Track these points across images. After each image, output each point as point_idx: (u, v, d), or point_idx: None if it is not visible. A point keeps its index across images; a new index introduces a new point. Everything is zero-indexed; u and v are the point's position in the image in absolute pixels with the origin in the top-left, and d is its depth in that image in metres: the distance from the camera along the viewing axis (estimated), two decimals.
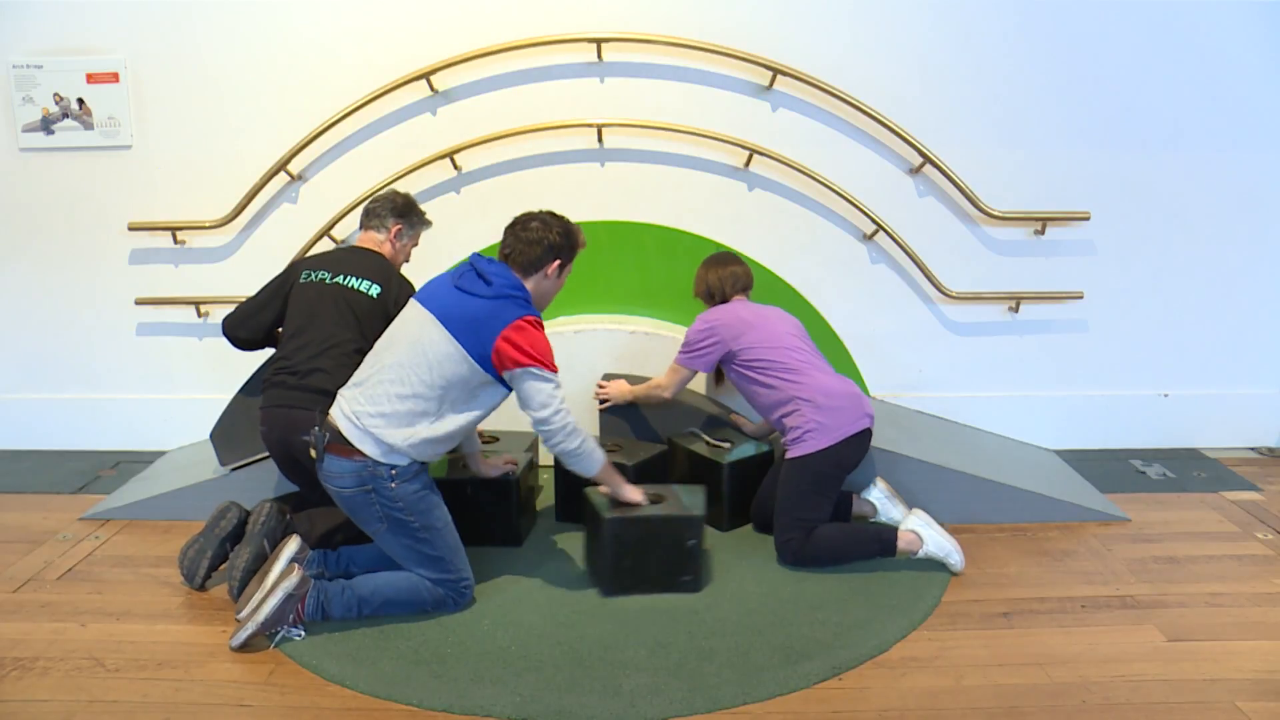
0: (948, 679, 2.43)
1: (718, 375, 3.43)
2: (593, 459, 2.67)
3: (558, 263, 2.70)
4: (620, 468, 3.09)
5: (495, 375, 2.57)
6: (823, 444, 2.95)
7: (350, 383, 2.68)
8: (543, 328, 2.63)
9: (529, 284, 2.66)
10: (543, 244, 2.65)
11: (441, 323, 2.57)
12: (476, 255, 2.68)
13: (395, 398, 2.55)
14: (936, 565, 2.98)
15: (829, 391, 3.00)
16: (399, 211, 3.17)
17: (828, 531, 2.96)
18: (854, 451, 3.00)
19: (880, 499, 3.17)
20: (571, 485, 3.24)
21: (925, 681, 2.42)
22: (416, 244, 3.27)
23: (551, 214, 2.73)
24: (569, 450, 2.63)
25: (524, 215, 2.71)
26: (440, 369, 2.54)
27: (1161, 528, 3.31)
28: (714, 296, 3.27)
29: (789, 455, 3.01)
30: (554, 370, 2.59)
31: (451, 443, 2.65)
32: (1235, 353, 4.00)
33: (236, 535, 2.93)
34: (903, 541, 2.97)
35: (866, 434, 3.02)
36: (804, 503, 2.96)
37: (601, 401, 3.49)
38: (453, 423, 2.59)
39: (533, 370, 2.55)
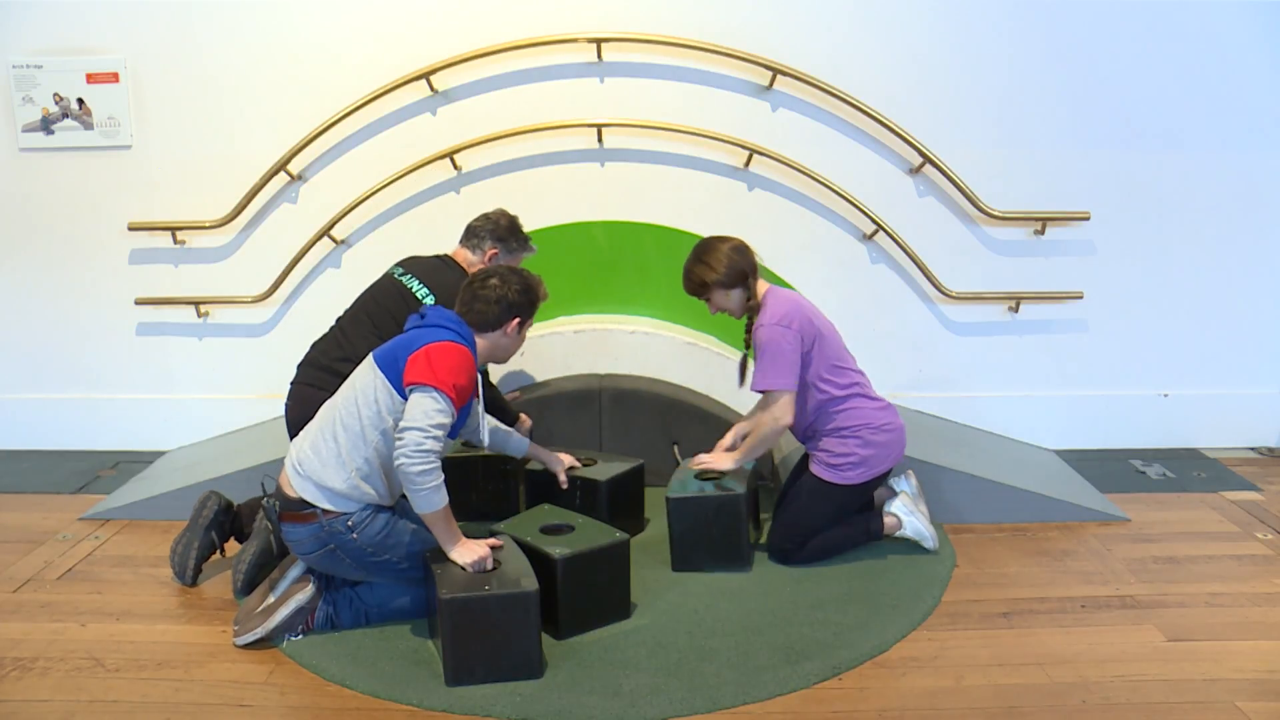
0: (948, 679, 2.43)
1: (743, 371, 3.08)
2: (430, 499, 2.41)
3: (517, 320, 2.65)
4: (591, 484, 3.06)
5: None
6: (859, 479, 2.93)
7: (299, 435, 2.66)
8: (468, 356, 2.50)
9: (483, 339, 2.63)
10: (501, 302, 2.61)
11: (373, 357, 2.57)
12: (429, 305, 2.65)
13: (329, 437, 2.51)
14: (936, 565, 2.98)
15: (876, 425, 2.93)
16: (499, 235, 3.17)
17: (822, 534, 2.98)
18: (882, 480, 3.02)
19: (904, 513, 3.05)
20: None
21: (925, 681, 2.42)
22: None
23: (511, 270, 2.69)
24: (410, 473, 2.37)
25: (482, 271, 2.68)
26: (365, 400, 2.49)
27: (1161, 528, 3.31)
28: (746, 275, 2.92)
29: (820, 475, 2.95)
30: (451, 395, 2.42)
31: (396, 478, 2.51)
32: (1235, 353, 4.00)
33: (219, 523, 2.94)
34: (885, 526, 3.03)
35: None
36: (818, 523, 2.96)
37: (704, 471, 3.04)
38: (389, 456, 2.48)
39: (424, 386, 2.41)
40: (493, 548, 2.52)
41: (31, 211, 3.89)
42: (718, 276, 2.90)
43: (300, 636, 2.59)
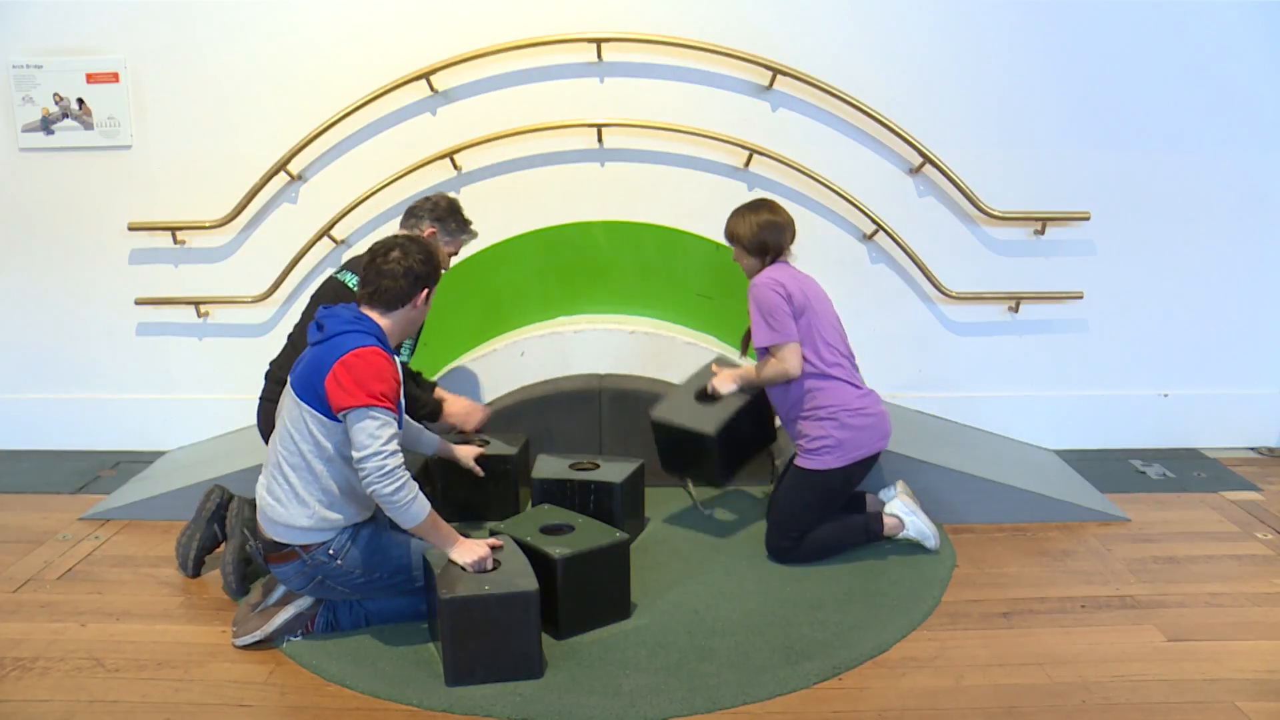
0: (948, 679, 2.43)
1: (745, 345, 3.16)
2: (410, 512, 2.39)
3: (425, 291, 2.56)
4: (606, 487, 3.04)
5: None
6: (836, 463, 2.93)
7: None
8: (381, 355, 2.41)
9: (389, 319, 2.52)
10: (409, 275, 2.50)
11: (290, 386, 2.50)
12: (321, 307, 2.56)
13: (281, 478, 2.48)
14: (936, 565, 2.98)
15: (854, 408, 2.94)
16: (437, 215, 3.14)
17: (818, 532, 2.98)
18: (864, 468, 3.01)
19: (905, 513, 3.06)
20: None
21: (925, 681, 2.42)
22: (456, 252, 3.23)
23: (409, 238, 2.59)
24: (384, 496, 2.36)
25: (381, 244, 2.55)
26: (300, 434, 2.44)
27: (1161, 528, 3.31)
28: (767, 252, 3.02)
29: (799, 464, 2.98)
30: (385, 405, 2.36)
31: (360, 495, 2.50)
32: (1235, 353, 4.00)
33: (222, 516, 2.97)
34: (886, 528, 3.03)
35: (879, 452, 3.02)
36: (806, 515, 2.97)
37: (710, 393, 3.13)
38: (344, 478, 2.47)
39: (357, 410, 2.35)
40: (493, 548, 2.52)
41: (31, 211, 3.89)
42: (743, 236, 3.03)
43: (300, 638, 2.59)
